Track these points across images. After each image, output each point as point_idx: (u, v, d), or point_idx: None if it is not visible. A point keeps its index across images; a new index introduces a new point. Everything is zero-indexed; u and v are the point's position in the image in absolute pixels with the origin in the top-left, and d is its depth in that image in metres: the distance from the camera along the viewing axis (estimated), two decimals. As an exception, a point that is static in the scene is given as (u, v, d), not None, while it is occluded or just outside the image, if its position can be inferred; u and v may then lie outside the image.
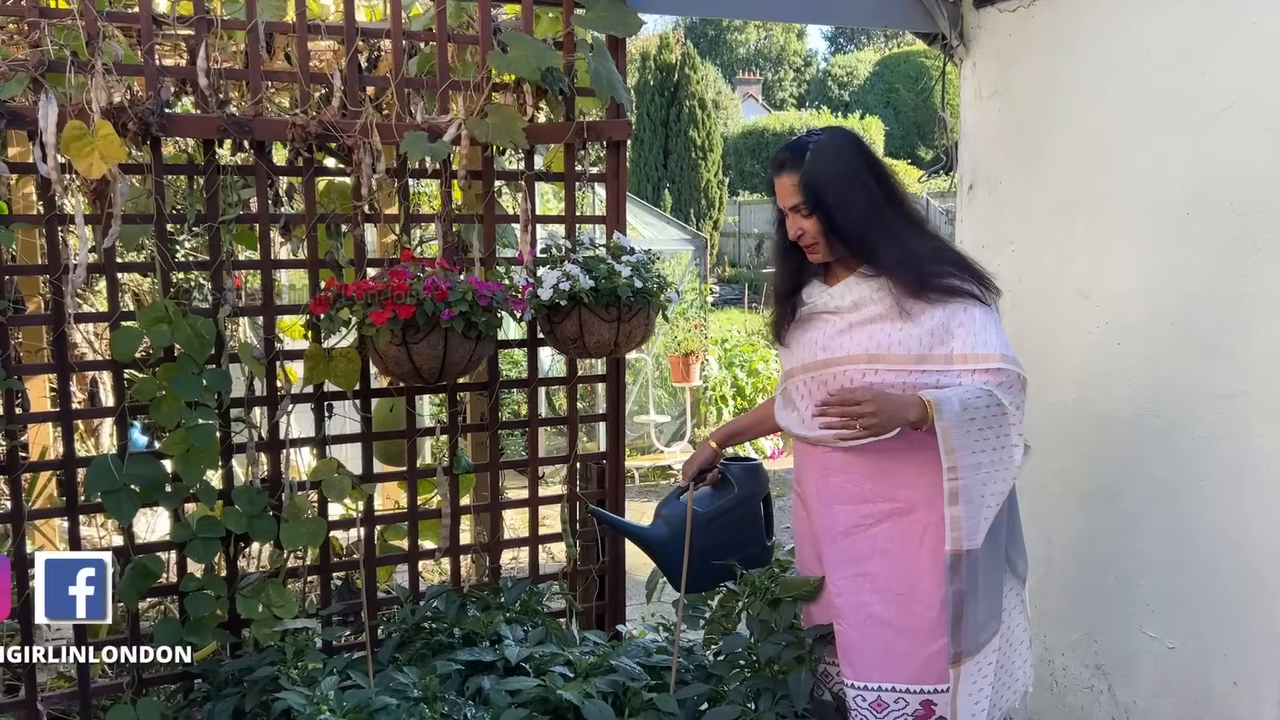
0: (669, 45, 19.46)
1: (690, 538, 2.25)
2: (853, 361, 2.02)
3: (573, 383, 2.94)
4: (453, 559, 2.82)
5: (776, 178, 2.08)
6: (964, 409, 1.87)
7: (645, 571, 2.56)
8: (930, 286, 1.97)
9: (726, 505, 2.34)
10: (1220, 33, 2.36)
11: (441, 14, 2.62)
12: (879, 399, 1.88)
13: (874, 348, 2.00)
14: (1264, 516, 2.29)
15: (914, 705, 1.99)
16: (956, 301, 1.96)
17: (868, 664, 2.01)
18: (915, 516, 1.98)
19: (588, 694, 2.13)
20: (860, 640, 2.03)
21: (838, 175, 2.01)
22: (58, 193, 2.34)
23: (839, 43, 46.74)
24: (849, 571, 2.05)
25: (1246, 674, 2.35)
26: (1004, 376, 1.93)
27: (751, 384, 7.53)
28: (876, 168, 2.06)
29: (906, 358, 1.97)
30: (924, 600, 1.98)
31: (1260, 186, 2.27)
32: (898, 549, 2.00)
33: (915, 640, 1.99)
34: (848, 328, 2.04)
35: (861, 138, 2.11)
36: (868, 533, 2.03)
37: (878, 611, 2.01)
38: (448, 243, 2.68)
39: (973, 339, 1.95)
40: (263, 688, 2.29)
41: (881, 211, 2.01)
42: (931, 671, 1.98)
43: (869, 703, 2.01)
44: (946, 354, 1.96)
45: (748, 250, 23.90)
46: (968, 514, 1.89)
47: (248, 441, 2.57)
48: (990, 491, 1.92)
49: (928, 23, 3.24)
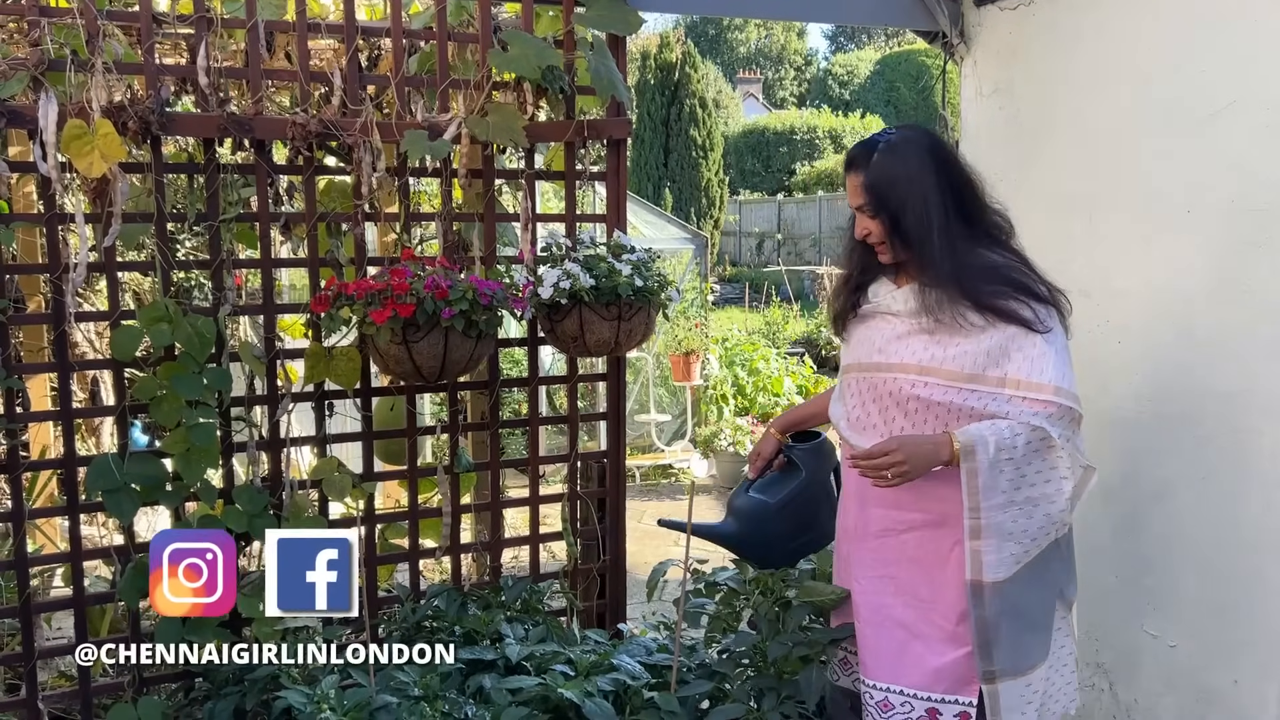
0: (669, 44, 19.47)
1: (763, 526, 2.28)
2: (904, 370, 1.99)
3: (573, 381, 2.94)
4: (453, 558, 2.82)
5: (846, 174, 2.04)
6: (998, 450, 1.84)
7: (646, 570, 2.56)
8: (982, 306, 1.91)
9: (795, 490, 2.34)
10: (1221, 31, 2.36)
11: (442, 12, 2.62)
12: (906, 447, 1.87)
13: (927, 360, 1.97)
14: (1265, 514, 2.29)
15: (919, 711, 1.98)
16: (1012, 325, 1.90)
17: (880, 664, 2.02)
18: (945, 530, 1.97)
19: (588, 693, 2.13)
20: (876, 640, 2.04)
21: (903, 178, 1.94)
22: (58, 192, 2.34)
23: (839, 41, 46.73)
24: (875, 572, 2.06)
25: (1248, 672, 2.35)
26: (1055, 410, 1.88)
27: (752, 383, 7.52)
28: (949, 173, 1.97)
29: (958, 375, 1.93)
30: (943, 611, 1.98)
31: (1261, 184, 2.27)
32: (924, 558, 2.00)
33: (928, 647, 1.99)
34: (906, 333, 2.01)
35: (939, 138, 2.03)
36: (898, 538, 2.03)
37: (898, 614, 2.02)
38: (448, 241, 2.68)
39: (1029, 365, 1.89)
40: (263, 686, 2.29)
41: (944, 220, 1.93)
42: (940, 681, 1.97)
43: (876, 701, 2.02)
44: (1000, 376, 1.91)
45: (748, 249, 23.91)
46: (993, 548, 1.88)
47: (248, 440, 2.57)
48: (1028, 527, 1.90)
49: (928, 21, 3.24)
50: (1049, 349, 1.90)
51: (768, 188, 26.08)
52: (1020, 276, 1.96)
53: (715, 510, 6.09)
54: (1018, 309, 1.91)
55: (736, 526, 2.34)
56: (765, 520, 2.27)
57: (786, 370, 7.89)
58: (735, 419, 6.89)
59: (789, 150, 26.52)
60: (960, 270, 1.92)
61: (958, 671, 1.96)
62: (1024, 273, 1.97)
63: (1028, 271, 1.98)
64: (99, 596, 2.60)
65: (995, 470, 1.85)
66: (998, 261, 1.97)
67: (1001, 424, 1.88)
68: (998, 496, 1.87)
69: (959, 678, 1.96)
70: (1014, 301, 1.91)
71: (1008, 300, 1.91)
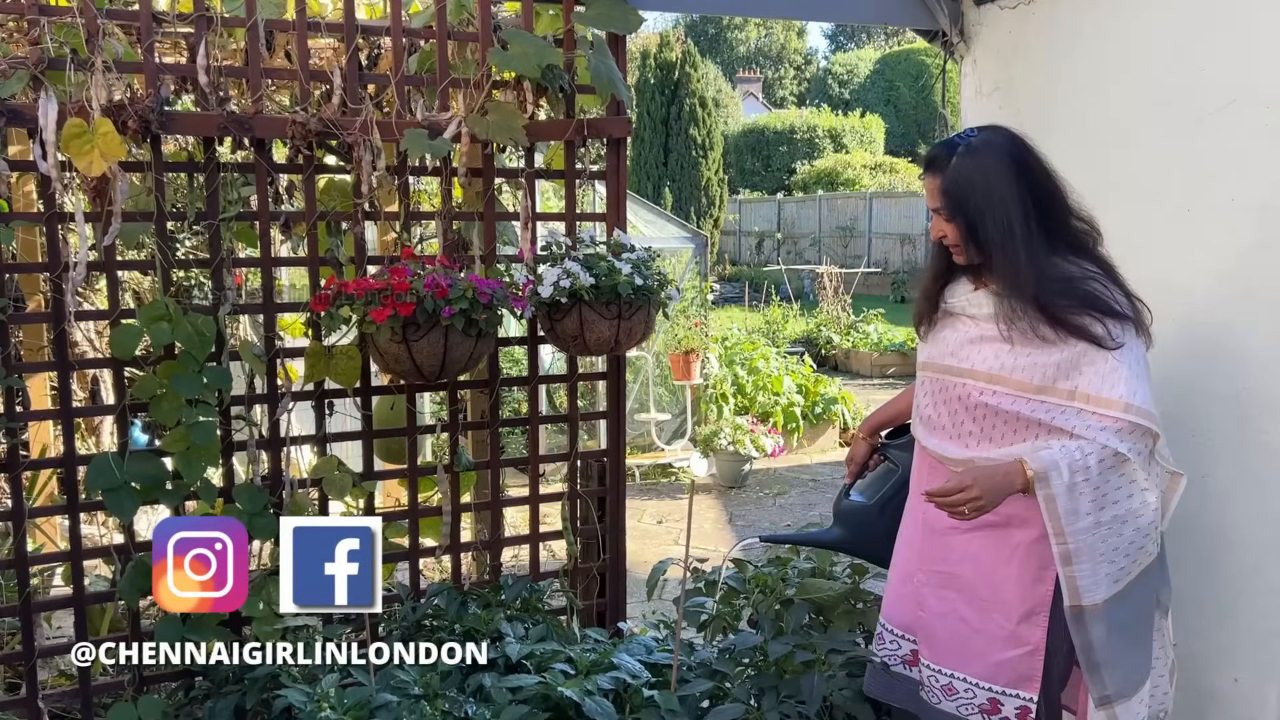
0: (669, 43, 19.46)
1: (868, 527, 2.32)
2: (974, 377, 2.00)
3: (573, 380, 2.94)
4: (453, 556, 2.82)
5: (924, 175, 2.02)
6: (1073, 473, 1.83)
7: (646, 569, 2.56)
8: (1055, 320, 1.89)
9: (893, 487, 2.36)
10: (1220, 29, 2.36)
11: (441, 11, 2.62)
12: (981, 481, 1.86)
13: (997, 368, 1.96)
14: (1266, 513, 2.29)
15: (981, 699, 2.03)
16: (1082, 341, 1.88)
17: (946, 650, 2.07)
18: (1009, 531, 1.97)
19: (588, 691, 2.13)
20: (940, 629, 2.09)
21: (981, 184, 1.91)
22: (58, 190, 2.34)
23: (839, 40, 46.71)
24: (939, 567, 2.10)
25: (1249, 671, 2.35)
26: (1124, 425, 1.85)
27: (752, 382, 7.53)
28: (1031, 178, 1.94)
29: (1027, 385, 1.92)
30: (1004, 611, 2.00)
31: (1261, 183, 2.27)
32: (986, 559, 2.01)
33: (989, 644, 2.01)
34: (979, 338, 2.00)
35: (1024, 141, 1.98)
36: (962, 536, 2.04)
37: (959, 608, 2.05)
38: (448, 240, 2.68)
39: (1099, 380, 1.87)
40: (264, 685, 2.29)
41: (1025, 229, 1.90)
42: (1001, 675, 2.00)
43: (941, 685, 2.07)
44: (1070, 389, 1.89)
45: (748, 248, 23.90)
46: (1087, 571, 1.88)
47: (248, 439, 2.57)
48: (1119, 545, 1.89)
49: (928, 20, 3.24)
50: (1120, 365, 1.86)
51: (767, 187, 26.08)
52: (1097, 289, 1.92)
53: (715, 509, 6.10)
54: (1089, 325, 1.88)
55: (841, 532, 2.38)
56: (868, 521, 2.32)
57: (786, 369, 7.89)
58: (735, 418, 6.89)
59: (789, 149, 26.52)
60: (1036, 282, 1.89)
61: (1019, 669, 1.99)
62: (1102, 285, 1.93)
63: (1107, 284, 1.94)
64: (99, 595, 2.60)
65: (1074, 494, 1.84)
66: (1074, 274, 1.93)
67: (1072, 445, 1.86)
68: (1082, 520, 1.86)
69: (1021, 674, 1.99)
70: (1086, 317, 1.88)
71: (1080, 315, 1.89)
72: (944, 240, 2.01)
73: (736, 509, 6.11)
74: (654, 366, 7.10)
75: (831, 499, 2.56)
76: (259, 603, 2.48)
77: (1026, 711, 1.99)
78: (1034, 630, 1.97)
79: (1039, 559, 1.96)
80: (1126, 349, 1.88)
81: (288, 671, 2.26)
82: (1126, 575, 1.91)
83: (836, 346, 11.62)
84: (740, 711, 2.12)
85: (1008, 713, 2.01)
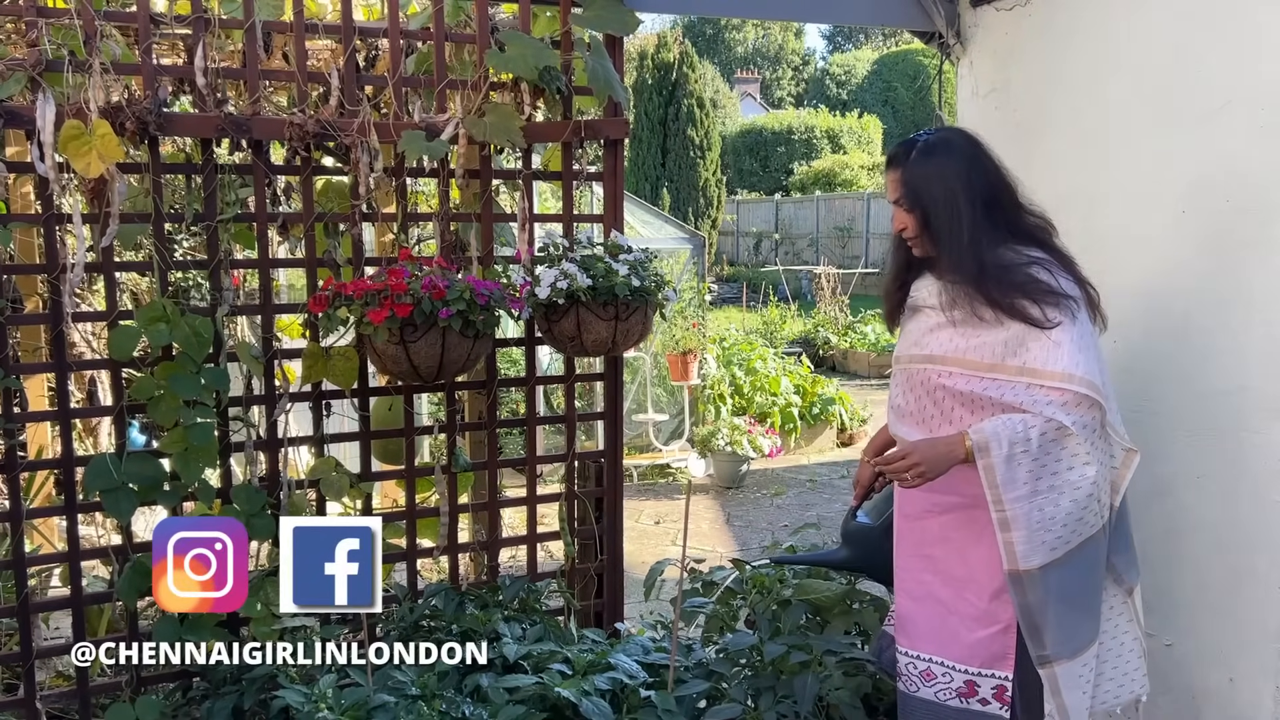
0: (667, 44, 19.45)
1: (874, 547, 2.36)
2: (932, 362, 2.10)
3: (571, 381, 2.95)
4: (451, 557, 2.82)
5: (886, 170, 2.13)
6: (1012, 445, 1.93)
7: (643, 569, 2.57)
8: (993, 302, 1.99)
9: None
10: (1217, 30, 2.36)
11: (439, 13, 2.63)
12: (920, 450, 1.99)
13: (952, 350, 2.06)
14: (1261, 512, 2.30)
15: (958, 682, 2.09)
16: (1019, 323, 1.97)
17: (920, 635, 2.14)
18: (978, 512, 2.03)
19: (585, 691, 2.13)
20: (916, 612, 2.16)
21: (936, 176, 2.03)
22: (55, 192, 2.35)
23: (837, 41, 46.74)
24: (916, 551, 2.18)
25: (1244, 670, 2.36)
26: (1070, 397, 1.94)
27: (750, 382, 7.53)
28: (981, 173, 2.04)
29: (979, 364, 2.02)
30: (976, 589, 2.07)
31: (1257, 183, 2.27)
32: (959, 539, 2.10)
33: (964, 623, 2.08)
34: (936, 326, 2.10)
35: (977, 141, 2.10)
36: (936, 520, 2.13)
37: (936, 590, 2.13)
38: (445, 241, 2.68)
39: (1044, 355, 1.96)
40: (261, 686, 2.30)
41: (971, 219, 2.00)
42: (976, 655, 2.07)
43: (919, 671, 2.13)
44: (1019, 365, 1.99)
45: (746, 249, 23.90)
46: (1023, 538, 1.95)
47: (246, 440, 2.57)
48: (1056, 514, 1.96)
49: (925, 21, 3.25)
50: (1063, 339, 1.95)
51: (765, 187, 26.08)
52: (1037, 273, 2.00)
53: (712, 510, 6.10)
54: (1025, 307, 1.97)
55: (848, 552, 2.44)
56: (875, 541, 2.37)
57: (784, 370, 7.90)
58: (733, 418, 6.90)
59: (786, 150, 26.53)
60: (978, 266, 2.00)
61: (993, 647, 2.06)
62: (1045, 269, 2.02)
63: (1052, 269, 2.03)
64: (97, 596, 2.60)
65: (1012, 464, 1.93)
66: (1016, 260, 2.02)
67: (1015, 418, 1.95)
68: (1019, 489, 1.94)
69: (994, 653, 2.06)
70: (1023, 299, 1.97)
71: (1017, 298, 1.98)
72: (903, 233, 2.11)
73: (734, 509, 6.11)
74: (652, 367, 7.10)
75: (829, 499, 2.57)
76: (257, 603, 2.49)
77: (1003, 690, 2.05)
78: (1004, 608, 2.03)
79: None
80: (1065, 327, 1.96)
81: (285, 672, 2.26)
82: (1065, 544, 1.97)
83: (834, 347, 11.64)
84: (737, 712, 2.13)
85: (984, 694, 2.07)
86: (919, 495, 2.12)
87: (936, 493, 2.08)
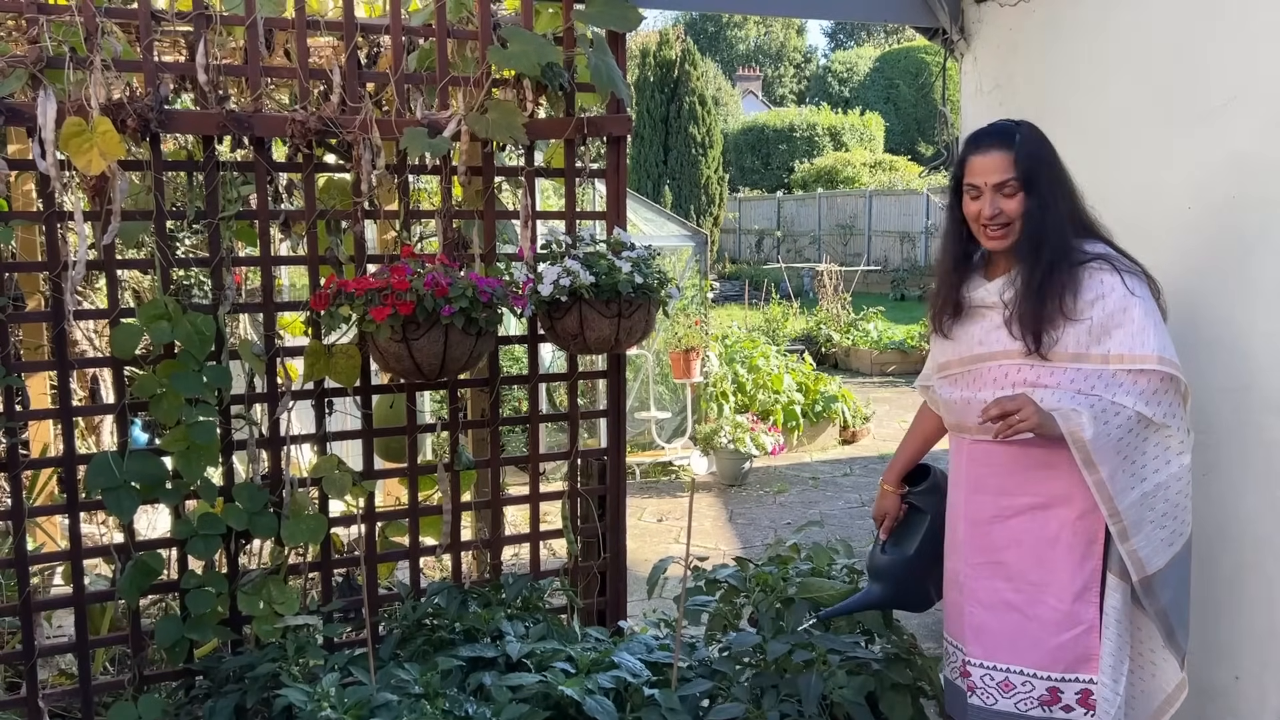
0: (669, 41, 19.45)
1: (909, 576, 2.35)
2: (1008, 357, 2.04)
3: (573, 379, 2.94)
4: (454, 555, 2.82)
5: (979, 154, 2.04)
6: (1117, 455, 1.93)
7: (646, 567, 2.56)
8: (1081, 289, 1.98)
9: (926, 533, 2.37)
10: (1222, 25, 2.35)
11: (441, 9, 2.62)
12: (1032, 406, 1.91)
13: (1032, 344, 2.01)
14: (1267, 510, 2.29)
15: (1040, 690, 2.03)
16: (1109, 302, 1.96)
17: (998, 645, 2.08)
18: (1052, 512, 2.01)
19: (589, 690, 2.13)
20: (992, 622, 2.09)
21: (1048, 161, 2.03)
22: (57, 189, 2.34)
23: (839, 38, 46.70)
24: (984, 558, 2.11)
25: (1249, 668, 2.35)
26: (1158, 381, 1.94)
27: (752, 380, 7.52)
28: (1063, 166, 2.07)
29: (1063, 355, 1.99)
30: (1055, 593, 2.03)
31: (1262, 179, 2.26)
32: (1032, 541, 2.05)
33: (1043, 629, 2.03)
34: (1004, 322, 2.05)
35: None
36: (1006, 524, 2.08)
37: (1009, 597, 2.07)
38: (448, 239, 2.68)
39: (1130, 340, 1.94)
40: (264, 684, 2.29)
41: (1071, 207, 2.03)
42: (1059, 660, 2.02)
43: (996, 682, 2.07)
44: (1104, 354, 1.97)
45: (748, 246, 23.90)
46: (1143, 543, 1.95)
47: (248, 438, 2.57)
48: (1168, 510, 1.97)
49: (928, 17, 3.24)
50: (1148, 320, 1.95)
51: (767, 185, 26.08)
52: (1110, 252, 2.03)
53: (715, 507, 6.10)
54: (1112, 286, 1.96)
55: (883, 589, 2.39)
56: (910, 571, 2.35)
57: (786, 367, 7.89)
58: (735, 416, 6.89)
59: (788, 147, 26.52)
60: (1069, 255, 1.99)
61: (1076, 650, 2.01)
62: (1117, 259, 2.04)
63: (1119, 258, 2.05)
64: (99, 595, 2.60)
65: (1116, 477, 1.92)
66: (1103, 251, 2.03)
67: (1113, 425, 1.92)
68: (1130, 495, 1.93)
69: (1078, 656, 2.01)
70: (1109, 277, 1.97)
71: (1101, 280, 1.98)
72: (996, 219, 2.02)
73: (737, 507, 6.10)
74: (654, 365, 7.09)
75: (832, 496, 2.57)
76: (259, 602, 2.49)
77: (1088, 694, 2.01)
78: (1088, 608, 2.00)
79: (1085, 534, 2.00)
80: (1147, 300, 1.97)
81: (288, 671, 2.26)
82: (1180, 537, 1.98)
83: (836, 344, 11.62)
84: (740, 710, 2.12)
85: (1068, 699, 2.02)
86: (990, 500, 2.08)
87: (1008, 495, 2.05)
